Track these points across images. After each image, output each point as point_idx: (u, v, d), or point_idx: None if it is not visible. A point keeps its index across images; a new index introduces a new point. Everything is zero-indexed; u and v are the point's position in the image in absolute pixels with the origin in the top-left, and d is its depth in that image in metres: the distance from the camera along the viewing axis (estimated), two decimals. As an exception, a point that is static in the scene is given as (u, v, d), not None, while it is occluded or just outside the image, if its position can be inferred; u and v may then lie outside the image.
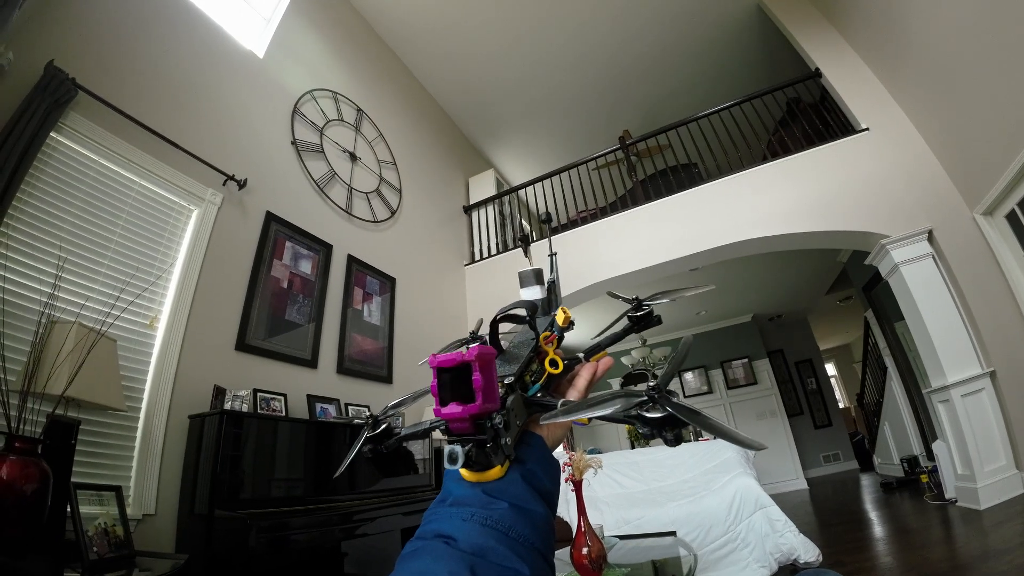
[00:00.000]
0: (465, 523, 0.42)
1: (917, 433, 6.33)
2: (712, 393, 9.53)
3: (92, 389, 1.93)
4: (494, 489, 0.44)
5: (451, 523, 0.43)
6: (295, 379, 3.40)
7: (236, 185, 3.37)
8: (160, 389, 2.63)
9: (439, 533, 0.42)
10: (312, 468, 2.90)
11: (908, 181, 4.21)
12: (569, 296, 5.33)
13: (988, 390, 3.65)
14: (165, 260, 2.89)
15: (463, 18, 5.67)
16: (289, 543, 2.28)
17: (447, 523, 0.43)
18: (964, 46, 3.50)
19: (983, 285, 3.78)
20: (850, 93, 4.67)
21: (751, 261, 6.35)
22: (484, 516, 0.42)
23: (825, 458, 9.23)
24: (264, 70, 3.98)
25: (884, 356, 7.11)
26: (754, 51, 6.31)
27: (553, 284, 0.69)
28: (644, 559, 2.54)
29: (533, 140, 7.76)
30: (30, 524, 1.58)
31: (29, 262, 2.25)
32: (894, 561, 3.02)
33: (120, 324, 2.45)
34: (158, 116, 2.99)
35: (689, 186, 5.14)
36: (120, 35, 2.94)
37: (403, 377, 4.43)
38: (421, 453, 3.73)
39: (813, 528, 4.38)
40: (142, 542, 2.22)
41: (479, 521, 0.42)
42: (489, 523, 0.42)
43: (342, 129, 4.71)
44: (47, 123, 2.31)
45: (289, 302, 3.55)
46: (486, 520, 0.42)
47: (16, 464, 1.57)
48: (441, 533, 0.42)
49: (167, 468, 2.55)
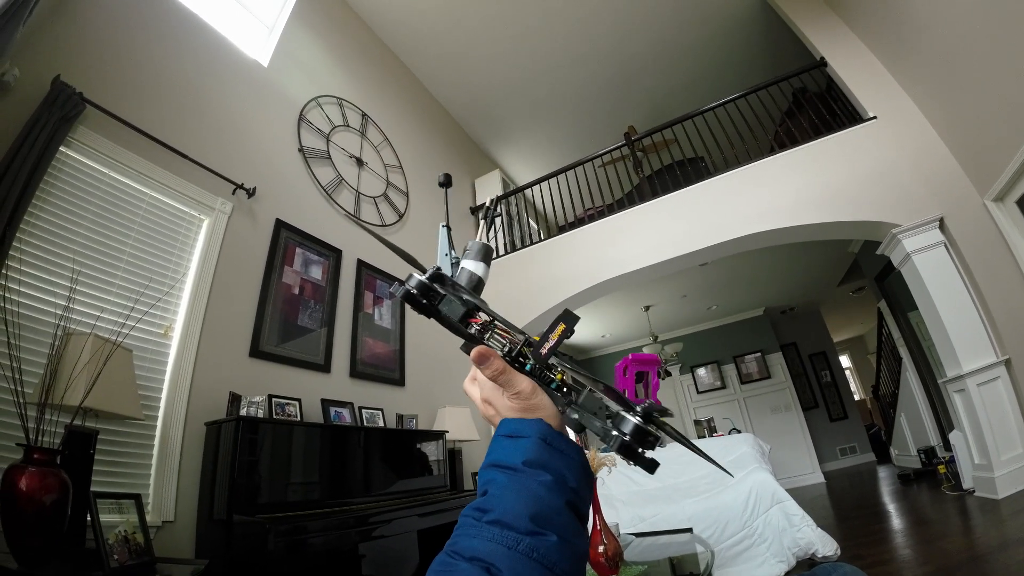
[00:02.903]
0: (511, 552, 0.42)
1: (934, 423, 6.27)
2: (725, 388, 9.48)
3: (109, 399, 1.95)
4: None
5: (494, 548, 0.42)
6: (309, 384, 3.42)
7: (245, 194, 3.40)
8: (176, 397, 2.66)
9: (477, 556, 0.42)
10: (328, 471, 2.92)
11: (917, 169, 4.17)
12: (578, 295, 5.33)
13: (1004, 378, 3.61)
14: (178, 270, 2.92)
15: (465, 19, 5.68)
16: (307, 546, 2.29)
17: (488, 546, 0.43)
18: (970, 31, 3.47)
19: (996, 272, 3.74)
20: (856, 82, 4.63)
21: (761, 254, 6.32)
22: (531, 547, 0.42)
23: (842, 451, 9.16)
24: (269, 79, 4.01)
25: (898, 347, 7.04)
26: (758, 42, 6.26)
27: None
28: (661, 556, 2.53)
29: (538, 139, 7.76)
30: (51, 534, 1.60)
31: (44, 275, 2.29)
32: (912, 553, 3.00)
33: (135, 334, 2.47)
34: (166, 128, 3.02)
35: (696, 180, 5.12)
36: (126, 49, 2.98)
37: (415, 379, 4.44)
38: (436, 455, 3.75)
39: (831, 522, 4.35)
40: (162, 549, 2.24)
41: (525, 553, 0.42)
42: (536, 556, 0.42)
43: (348, 135, 4.73)
44: (56, 138, 2.34)
45: (301, 308, 3.58)
46: (533, 553, 0.42)
47: (35, 475, 1.59)
48: (479, 557, 0.42)
49: (185, 475, 2.58)
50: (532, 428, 0.51)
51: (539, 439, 0.50)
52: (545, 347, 0.52)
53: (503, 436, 0.52)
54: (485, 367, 0.54)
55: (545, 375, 0.54)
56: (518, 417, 0.53)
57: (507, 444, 0.51)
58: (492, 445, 0.53)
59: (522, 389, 0.53)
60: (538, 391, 0.53)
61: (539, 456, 0.48)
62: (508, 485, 0.47)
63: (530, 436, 0.50)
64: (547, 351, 0.52)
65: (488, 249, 0.66)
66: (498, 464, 0.50)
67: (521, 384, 0.53)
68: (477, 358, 0.54)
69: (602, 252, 5.33)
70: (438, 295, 0.57)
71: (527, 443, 0.50)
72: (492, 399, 0.56)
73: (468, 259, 0.65)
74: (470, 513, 0.47)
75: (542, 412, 0.53)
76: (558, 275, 5.39)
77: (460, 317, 0.57)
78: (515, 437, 0.51)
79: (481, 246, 0.66)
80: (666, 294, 8.20)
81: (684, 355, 9.51)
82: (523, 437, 0.50)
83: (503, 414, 0.55)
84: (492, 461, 0.51)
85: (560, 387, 0.54)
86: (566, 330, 0.51)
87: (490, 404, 0.57)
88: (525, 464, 0.48)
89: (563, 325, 0.51)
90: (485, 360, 0.53)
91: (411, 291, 0.56)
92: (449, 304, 0.57)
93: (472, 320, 0.57)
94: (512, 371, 0.54)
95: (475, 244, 0.66)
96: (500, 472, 0.49)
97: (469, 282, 0.63)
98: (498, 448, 0.52)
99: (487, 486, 0.49)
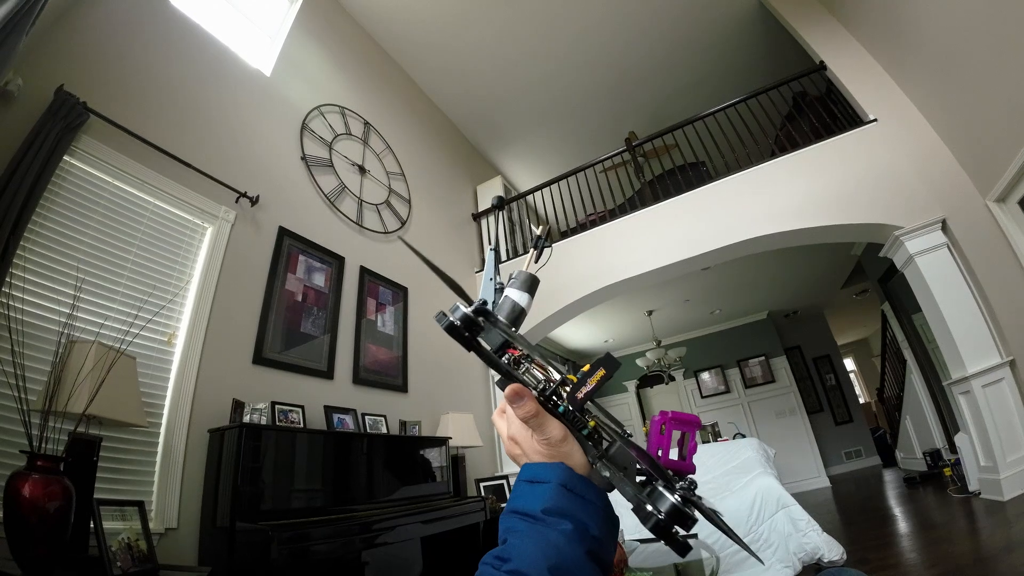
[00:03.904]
0: None
1: (939, 426, 6.24)
2: (730, 392, 9.46)
3: (113, 406, 1.96)
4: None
5: None
6: (312, 390, 3.43)
7: (249, 202, 3.42)
8: (180, 404, 2.67)
9: None
10: (331, 478, 2.92)
11: (919, 170, 4.16)
12: (580, 300, 5.33)
13: (1008, 379, 3.59)
14: (181, 278, 2.93)
15: (465, 28, 5.71)
16: (310, 554, 2.29)
17: None
18: (970, 31, 3.47)
19: (999, 273, 3.73)
20: (856, 84, 4.63)
21: (764, 258, 6.31)
22: None
23: (847, 455, 9.12)
24: (272, 88, 4.04)
25: (903, 349, 7.01)
26: (757, 47, 6.28)
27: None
28: (665, 562, 2.52)
29: (540, 145, 7.78)
30: (54, 541, 1.60)
31: (48, 283, 2.30)
32: (918, 557, 2.98)
33: (139, 342, 2.48)
34: (170, 137, 3.04)
35: (697, 185, 5.11)
36: (129, 58, 3.01)
37: (418, 386, 4.44)
38: (439, 461, 3.74)
39: (836, 526, 4.33)
40: (165, 556, 2.25)
41: None
42: None
43: (350, 143, 4.76)
44: (59, 147, 2.36)
45: (304, 315, 3.59)
46: None
47: (39, 482, 1.59)
48: None
49: (188, 482, 2.58)
50: (553, 473, 0.49)
51: (559, 485, 0.48)
52: (582, 391, 0.50)
53: (524, 481, 0.51)
54: (518, 407, 0.52)
55: (578, 420, 0.51)
56: (542, 462, 0.51)
57: (527, 490, 0.50)
58: (514, 490, 0.52)
59: (552, 435, 0.51)
60: (569, 439, 0.52)
61: (559, 504, 0.47)
62: (527, 534, 0.46)
63: (550, 482, 0.49)
64: (583, 396, 0.50)
65: (534, 280, 0.65)
66: (518, 511, 0.49)
67: (553, 431, 0.51)
68: (511, 396, 0.52)
69: (604, 257, 5.33)
70: (480, 328, 0.56)
71: (547, 489, 0.48)
72: (520, 439, 0.55)
73: (513, 288, 0.64)
74: (490, 561, 0.46)
75: (569, 461, 0.51)
76: (560, 281, 5.39)
77: (496, 347, 0.56)
78: (535, 483, 0.50)
79: (527, 276, 0.64)
80: (669, 299, 8.20)
81: (688, 360, 9.49)
82: (543, 483, 0.49)
83: (529, 456, 0.53)
84: (512, 508, 0.50)
85: (592, 434, 0.51)
86: (605, 375, 0.49)
87: (517, 443, 0.55)
88: (544, 512, 0.47)
89: (603, 370, 0.49)
90: (519, 400, 0.52)
91: (455, 323, 0.55)
92: (488, 333, 0.56)
93: (509, 351, 0.56)
94: (545, 415, 0.52)
95: (522, 274, 0.64)
96: (520, 520, 0.48)
97: (511, 312, 0.61)
98: (519, 494, 0.50)
99: (507, 534, 0.48)
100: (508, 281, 0.65)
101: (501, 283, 0.67)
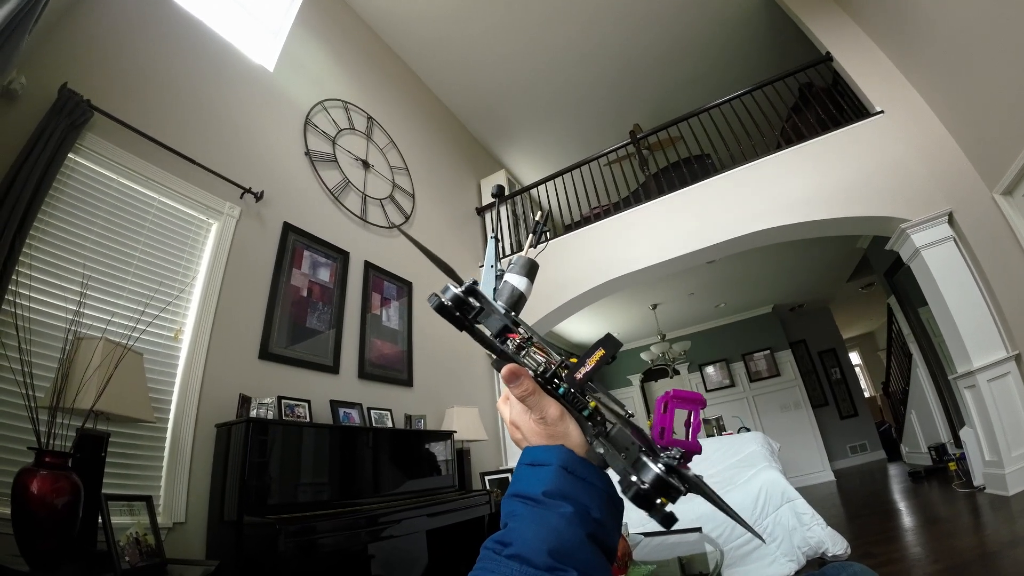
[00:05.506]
0: None
1: (944, 420, 6.22)
2: (734, 386, 9.45)
3: (120, 402, 1.97)
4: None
5: None
6: (318, 385, 3.45)
7: (253, 198, 3.43)
8: (187, 399, 2.69)
9: None
10: (337, 472, 2.94)
11: (925, 163, 4.13)
12: (585, 294, 5.33)
13: (1014, 373, 3.57)
14: (187, 273, 2.94)
15: (468, 21, 5.69)
16: (317, 547, 2.31)
17: None
18: (977, 23, 3.43)
19: (1005, 266, 3.71)
20: (863, 76, 4.60)
21: (769, 251, 6.29)
22: None
23: (852, 449, 9.11)
24: (275, 83, 4.04)
25: (909, 343, 6.99)
26: (763, 38, 6.23)
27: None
28: (670, 556, 2.53)
29: (544, 138, 7.75)
30: (63, 536, 1.62)
31: (54, 280, 2.31)
32: (923, 551, 2.98)
33: (146, 338, 2.50)
34: (174, 133, 3.05)
35: (702, 178, 5.10)
36: (132, 56, 3.01)
37: (423, 380, 4.46)
38: (444, 455, 3.76)
39: (841, 520, 4.33)
40: (173, 550, 2.27)
41: None
42: None
43: (354, 138, 4.76)
44: (64, 145, 2.37)
45: (309, 310, 3.60)
46: None
47: (47, 478, 1.61)
48: None
49: (196, 476, 2.60)
50: (553, 456, 0.49)
51: (560, 467, 0.48)
52: (581, 371, 0.49)
53: (525, 464, 0.51)
54: (514, 386, 0.52)
55: (578, 400, 0.51)
56: (543, 444, 0.51)
57: (528, 473, 0.50)
58: (515, 474, 0.52)
59: (548, 414, 0.51)
60: (566, 418, 0.51)
61: (560, 486, 0.47)
62: (528, 517, 0.46)
63: (551, 464, 0.48)
64: (583, 375, 0.49)
65: (534, 265, 0.65)
66: (519, 495, 0.48)
67: (548, 409, 0.51)
68: (507, 376, 0.52)
69: (608, 251, 5.32)
70: (472, 308, 0.56)
71: (548, 472, 0.48)
72: (519, 422, 0.54)
73: (512, 273, 0.64)
74: (491, 546, 0.46)
75: (568, 440, 0.50)
76: (564, 274, 5.39)
77: (497, 332, 0.56)
78: (536, 465, 0.50)
79: (526, 261, 0.64)
80: (674, 292, 8.18)
81: (692, 353, 9.49)
82: (544, 465, 0.49)
83: (529, 439, 0.53)
84: (513, 491, 0.50)
85: (593, 415, 0.51)
86: (605, 355, 0.49)
87: (517, 427, 0.55)
88: (545, 495, 0.46)
89: (603, 350, 0.49)
90: (515, 379, 0.51)
91: (445, 303, 0.55)
92: (488, 318, 0.57)
93: (510, 336, 0.56)
94: (541, 393, 0.52)
95: (521, 259, 0.64)
96: (521, 503, 0.48)
97: (511, 297, 0.61)
98: (520, 477, 0.50)
99: (508, 518, 0.48)
100: (508, 267, 0.66)
101: (502, 270, 0.67)
